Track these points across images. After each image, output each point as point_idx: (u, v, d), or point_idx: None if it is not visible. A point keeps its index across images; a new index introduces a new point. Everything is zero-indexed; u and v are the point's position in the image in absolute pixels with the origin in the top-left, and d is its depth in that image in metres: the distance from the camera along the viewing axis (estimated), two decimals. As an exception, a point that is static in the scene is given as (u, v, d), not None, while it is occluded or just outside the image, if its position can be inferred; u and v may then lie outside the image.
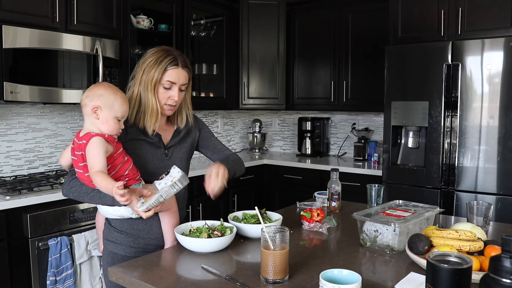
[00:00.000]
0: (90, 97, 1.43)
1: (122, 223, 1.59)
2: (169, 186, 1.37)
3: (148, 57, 1.57)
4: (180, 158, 1.68)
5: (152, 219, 1.56)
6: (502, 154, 2.72)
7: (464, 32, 2.90)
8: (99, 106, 1.42)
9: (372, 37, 3.62)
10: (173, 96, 1.57)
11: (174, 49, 1.63)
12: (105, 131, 1.43)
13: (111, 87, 1.46)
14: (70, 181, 1.51)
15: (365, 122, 4.10)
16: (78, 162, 1.43)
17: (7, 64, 2.36)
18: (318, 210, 1.76)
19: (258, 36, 3.94)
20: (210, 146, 1.82)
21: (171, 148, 1.66)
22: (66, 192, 1.51)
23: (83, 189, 1.47)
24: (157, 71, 1.53)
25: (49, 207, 2.39)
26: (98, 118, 1.42)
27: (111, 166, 1.43)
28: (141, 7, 3.36)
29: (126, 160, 1.48)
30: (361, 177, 3.44)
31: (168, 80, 1.55)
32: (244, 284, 1.20)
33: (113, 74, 2.92)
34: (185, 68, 1.58)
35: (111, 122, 1.43)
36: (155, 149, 1.62)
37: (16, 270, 2.29)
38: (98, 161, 1.37)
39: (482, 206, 1.69)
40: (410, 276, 1.27)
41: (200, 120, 1.83)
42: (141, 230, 1.59)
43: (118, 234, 1.59)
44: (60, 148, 3.11)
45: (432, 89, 2.93)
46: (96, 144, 1.38)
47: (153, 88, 1.54)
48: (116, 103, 1.43)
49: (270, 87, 4.01)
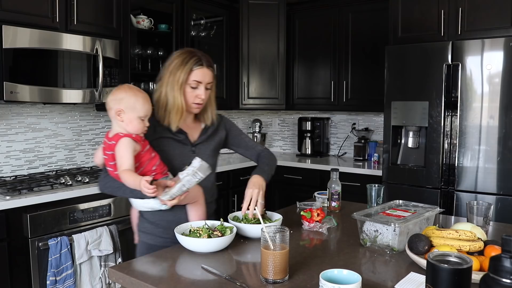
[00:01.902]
0: (113, 101, 1.52)
1: (153, 215, 1.68)
2: (191, 175, 1.45)
3: (173, 59, 1.65)
4: (207, 155, 1.74)
5: (180, 212, 1.66)
6: (502, 154, 2.72)
7: (464, 32, 2.90)
8: (122, 109, 1.50)
9: (372, 37, 3.62)
10: (200, 94, 1.65)
11: (197, 50, 1.70)
12: (131, 131, 1.51)
13: (131, 89, 1.54)
14: (104, 177, 1.61)
15: (365, 122, 4.10)
16: (109, 161, 1.53)
17: (7, 64, 2.36)
18: (318, 210, 1.76)
19: (258, 36, 3.94)
20: (242, 144, 1.90)
21: (198, 146, 1.74)
22: (102, 187, 1.63)
23: (116, 184, 1.56)
24: (184, 72, 1.61)
25: (49, 207, 2.39)
26: (123, 121, 1.51)
27: (139, 164, 1.53)
28: (141, 7, 3.36)
29: (153, 156, 1.57)
30: (361, 177, 3.44)
31: (194, 79, 1.63)
32: (244, 284, 1.20)
33: (113, 74, 2.92)
34: (209, 67, 1.67)
35: (135, 122, 1.51)
36: (182, 146, 1.70)
37: (16, 270, 2.29)
38: (126, 161, 1.47)
39: (482, 206, 1.69)
40: (410, 276, 1.27)
41: (227, 120, 1.91)
42: (171, 222, 1.64)
43: (149, 225, 1.69)
44: (60, 148, 3.11)
45: (432, 89, 2.93)
46: (125, 144, 1.48)
47: (179, 88, 1.62)
48: (138, 104, 1.51)
49: (270, 87, 4.01)
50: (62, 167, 3.13)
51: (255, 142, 1.94)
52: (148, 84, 3.46)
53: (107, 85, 2.87)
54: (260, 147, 1.92)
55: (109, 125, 3.43)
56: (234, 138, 1.89)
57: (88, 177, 2.72)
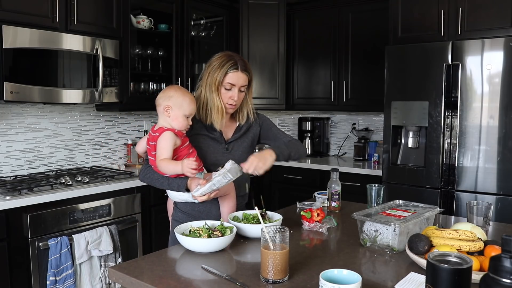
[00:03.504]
0: (163, 98, 1.66)
1: (185, 205, 1.82)
2: (222, 176, 1.55)
3: (213, 61, 1.78)
4: (240, 152, 1.85)
5: (211, 203, 1.79)
6: (502, 154, 2.72)
7: (464, 32, 2.90)
8: (170, 106, 1.64)
9: (372, 37, 3.62)
10: (233, 96, 1.76)
11: (236, 54, 1.81)
12: (176, 127, 1.65)
13: (181, 89, 1.69)
14: (145, 169, 1.76)
15: (365, 122, 4.10)
16: (151, 151, 1.67)
17: (7, 64, 2.36)
18: (318, 210, 1.76)
19: (258, 36, 3.94)
20: (271, 136, 1.96)
21: (232, 143, 1.85)
22: (142, 178, 1.77)
23: (155, 176, 1.71)
24: (220, 74, 1.74)
25: (49, 207, 2.39)
26: (169, 116, 1.65)
27: (177, 157, 1.65)
28: (141, 7, 3.36)
29: (191, 152, 1.70)
30: (361, 177, 3.44)
31: (228, 82, 1.74)
32: (244, 284, 1.20)
33: (113, 74, 2.92)
34: (244, 71, 1.77)
35: (181, 119, 1.65)
36: (217, 144, 1.81)
37: (16, 270, 2.29)
38: (165, 152, 1.61)
39: (482, 206, 1.69)
40: (410, 276, 1.27)
41: (262, 116, 1.99)
42: (201, 212, 1.80)
43: (182, 215, 1.82)
44: (60, 148, 3.11)
45: (432, 89, 2.93)
46: (167, 137, 1.62)
47: (216, 89, 1.74)
48: (185, 103, 1.65)
49: (270, 87, 4.01)
50: (62, 167, 3.13)
51: (286, 134, 1.98)
52: (148, 84, 3.46)
53: (107, 85, 2.87)
54: (289, 138, 1.96)
55: (109, 125, 3.43)
56: (265, 131, 1.96)
57: (88, 177, 2.72)
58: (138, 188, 2.82)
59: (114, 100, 2.95)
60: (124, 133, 3.55)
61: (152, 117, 3.71)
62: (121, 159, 3.53)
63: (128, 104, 3.14)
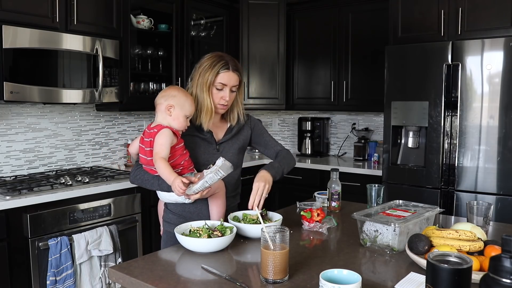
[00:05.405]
0: (165, 97, 1.67)
1: (176, 206, 1.82)
2: (213, 173, 1.55)
3: (203, 62, 1.78)
4: (231, 153, 1.85)
5: (201, 204, 1.78)
6: (502, 154, 2.72)
7: (464, 32, 2.90)
8: (172, 105, 1.65)
9: (372, 37, 3.62)
10: (224, 96, 1.76)
11: (226, 54, 1.81)
12: (175, 126, 1.66)
13: (182, 90, 1.72)
14: (135, 170, 1.76)
15: (365, 122, 4.10)
16: (145, 147, 1.66)
17: (7, 64, 2.36)
18: (318, 210, 1.76)
19: (258, 36, 3.94)
20: (262, 142, 1.98)
21: (223, 144, 1.85)
22: (132, 179, 1.77)
23: (145, 177, 1.71)
24: (211, 74, 1.73)
25: (49, 207, 2.39)
26: (171, 115, 1.66)
27: (171, 156, 1.65)
28: (141, 7, 3.36)
29: (184, 152, 1.71)
30: (361, 177, 3.44)
31: (220, 82, 1.74)
32: (244, 284, 1.20)
33: (113, 74, 2.92)
34: (235, 71, 1.77)
35: (181, 119, 1.66)
36: (207, 145, 1.82)
37: (16, 270, 2.30)
38: (163, 149, 1.61)
39: (482, 206, 1.69)
40: (410, 276, 1.27)
41: (253, 119, 1.99)
42: (192, 213, 1.80)
43: (173, 216, 1.82)
44: (60, 148, 3.11)
45: (432, 89, 2.93)
46: (166, 134, 1.62)
47: (207, 89, 1.74)
48: (187, 103, 1.67)
49: (270, 87, 4.01)
50: (62, 167, 3.13)
51: (276, 141, 2.00)
52: (148, 84, 3.46)
53: (107, 85, 2.87)
54: (280, 147, 1.98)
55: (109, 125, 3.43)
56: (256, 136, 1.97)
57: (88, 177, 2.72)
58: (138, 188, 2.81)
59: (114, 100, 2.95)
60: (124, 133, 3.55)
61: (152, 117, 3.71)
62: (121, 159, 3.54)
63: (128, 104, 3.14)
